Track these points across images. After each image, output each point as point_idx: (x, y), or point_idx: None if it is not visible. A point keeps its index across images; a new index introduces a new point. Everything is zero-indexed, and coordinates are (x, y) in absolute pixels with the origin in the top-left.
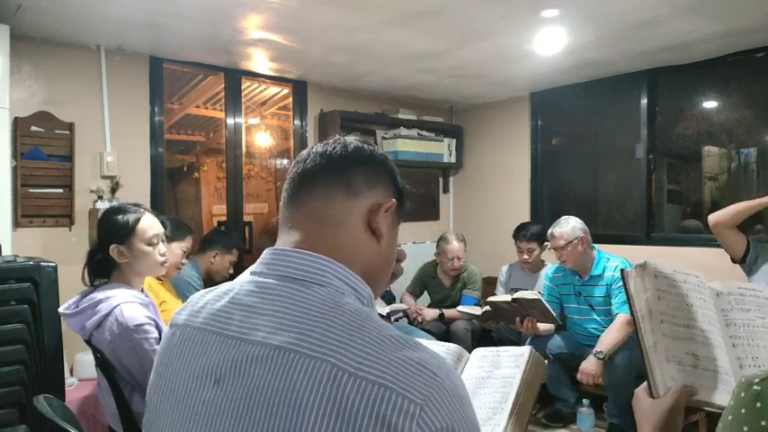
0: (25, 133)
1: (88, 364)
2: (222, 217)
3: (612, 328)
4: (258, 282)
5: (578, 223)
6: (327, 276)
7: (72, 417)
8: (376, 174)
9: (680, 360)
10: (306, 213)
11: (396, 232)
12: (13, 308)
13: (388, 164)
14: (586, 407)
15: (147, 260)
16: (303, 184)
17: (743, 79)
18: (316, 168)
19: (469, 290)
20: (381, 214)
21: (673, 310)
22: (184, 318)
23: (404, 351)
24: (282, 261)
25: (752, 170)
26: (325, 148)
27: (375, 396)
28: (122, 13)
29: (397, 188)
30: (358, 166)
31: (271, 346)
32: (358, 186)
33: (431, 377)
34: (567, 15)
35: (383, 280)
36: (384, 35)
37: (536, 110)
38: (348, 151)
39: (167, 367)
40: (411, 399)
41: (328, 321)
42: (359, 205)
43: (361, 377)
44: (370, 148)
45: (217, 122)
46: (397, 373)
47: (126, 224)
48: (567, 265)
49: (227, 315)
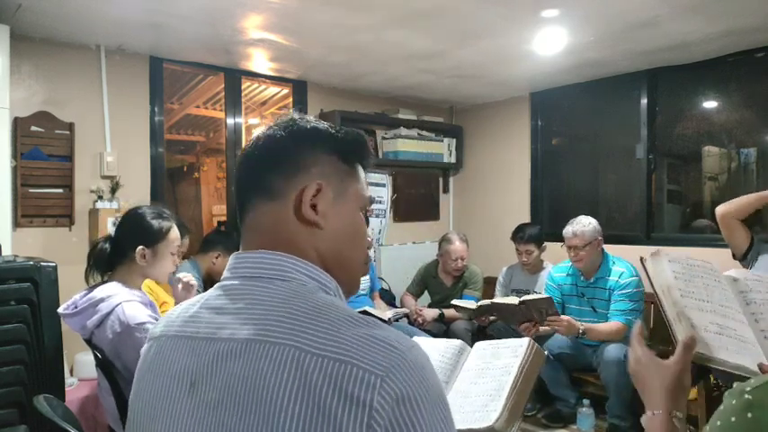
0: (25, 133)
1: (88, 364)
2: (222, 217)
3: (604, 326)
4: (224, 285)
5: (597, 225)
6: (289, 271)
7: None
8: (295, 163)
9: (705, 328)
10: (248, 221)
11: (347, 209)
12: (13, 308)
13: (312, 138)
14: (586, 407)
15: (164, 267)
16: (238, 194)
17: (743, 79)
18: (240, 176)
19: (470, 290)
20: (307, 204)
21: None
22: (160, 330)
23: (364, 329)
24: (244, 263)
25: (752, 170)
26: (248, 146)
27: (337, 372)
28: (122, 13)
29: (341, 155)
30: (271, 165)
31: (237, 340)
32: (278, 188)
33: (391, 350)
34: (567, 15)
35: (352, 273)
36: (384, 35)
37: (536, 110)
38: (264, 148)
39: (144, 380)
40: (372, 371)
41: (290, 310)
42: (284, 206)
43: (323, 356)
44: (289, 131)
45: (217, 122)
46: (357, 349)
47: (160, 230)
48: (580, 265)
49: (197, 320)
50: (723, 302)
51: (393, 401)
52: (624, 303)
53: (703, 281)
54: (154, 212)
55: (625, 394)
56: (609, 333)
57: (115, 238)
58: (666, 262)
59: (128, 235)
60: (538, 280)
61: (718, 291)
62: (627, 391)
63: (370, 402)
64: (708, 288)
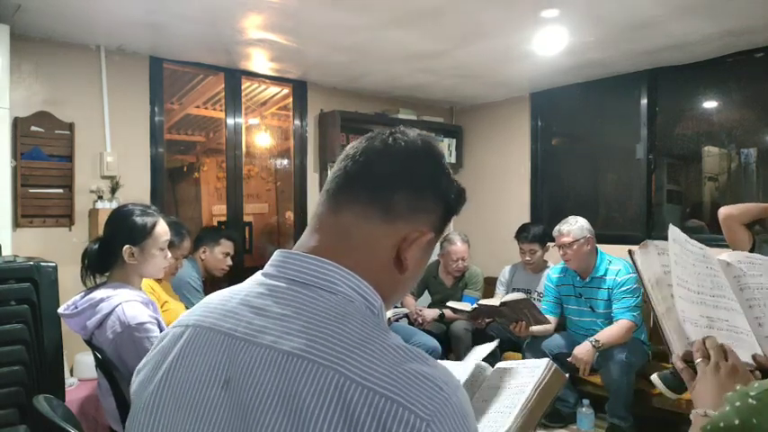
0: (25, 133)
1: (88, 365)
2: (222, 217)
3: (614, 328)
4: (268, 284)
5: (586, 223)
6: (337, 284)
7: (72, 417)
8: (423, 196)
9: (695, 321)
10: (336, 222)
11: (427, 258)
12: (12, 308)
13: (443, 179)
14: (586, 407)
15: (155, 264)
16: (344, 188)
17: (743, 79)
18: (361, 172)
19: (470, 290)
20: (415, 247)
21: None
22: (195, 318)
23: (412, 364)
24: (292, 264)
25: (752, 170)
26: (378, 146)
27: (382, 408)
28: (122, 13)
29: (447, 208)
30: (405, 184)
31: (279, 350)
32: (399, 211)
33: (437, 392)
34: (567, 15)
35: (396, 300)
36: (384, 35)
37: (536, 110)
38: (399, 158)
39: (174, 366)
40: (417, 414)
41: (336, 330)
42: (394, 232)
43: (368, 388)
44: (427, 157)
45: (217, 122)
46: (404, 386)
47: (144, 227)
48: (571, 264)
49: (237, 316)
50: (715, 291)
51: None
52: (627, 300)
53: (695, 269)
54: (138, 209)
55: (625, 394)
56: (621, 334)
57: (104, 238)
58: (656, 254)
59: (114, 235)
60: (540, 279)
61: (710, 279)
62: (627, 392)
63: None
64: (699, 277)
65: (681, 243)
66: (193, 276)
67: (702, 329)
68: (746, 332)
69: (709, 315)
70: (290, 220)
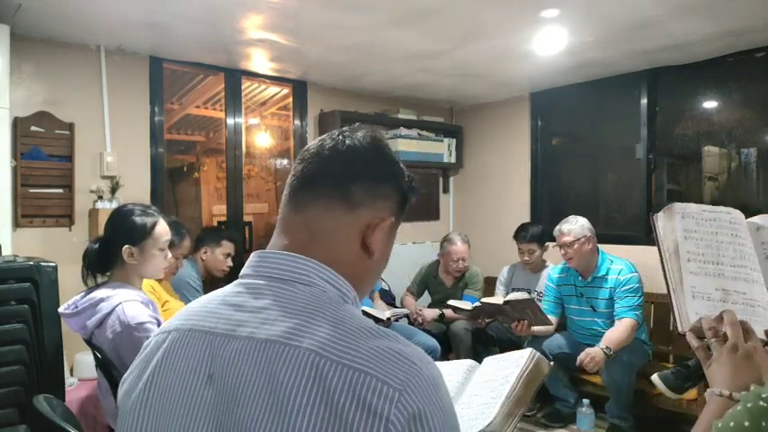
0: (25, 133)
1: (88, 364)
2: (222, 217)
3: (619, 329)
4: (246, 283)
5: (586, 223)
6: (311, 276)
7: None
8: (380, 184)
9: (708, 295)
10: (301, 220)
11: (392, 242)
12: (13, 308)
13: (395, 169)
14: (586, 407)
15: (155, 265)
16: (303, 187)
17: (743, 79)
18: (317, 172)
19: (471, 290)
20: (378, 232)
21: (702, 249)
22: (177, 323)
23: (383, 341)
24: (268, 263)
25: (752, 170)
26: (329, 146)
27: (356, 381)
28: (122, 13)
29: (402, 195)
30: (361, 175)
31: (257, 339)
32: (358, 199)
33: (409, 365)
34: (567, 15)
35: (368, 287)
36: (384, 35)
37: (536, 110)
38: (352, 155)
39: (158, 370)
40: (390, 384)
41: (311, 314)
42: (356, 220)
43: (342, 364)
44: (377, 151)
45: (217, 122)
46: (377, 361)
47: (144, 227)
48: (572, 263)
49: (217, 314)
50: (737, 261)
51: (409, 417)
52: (630, 299)
53: (717, 237)
54: (138, 210)
55: (626, 394)
56: (627, 335)
57: (104, 238)
58: (679, 218)
59: (114, 235)
60: (539, 279)
61: (732, 248)
62: (627, 392)
63: (387, 415)
64: (721, 246)
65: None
66: (193, 276)
67: (716, 303)
68: (764, 305)
69: (725, 287)
70: None
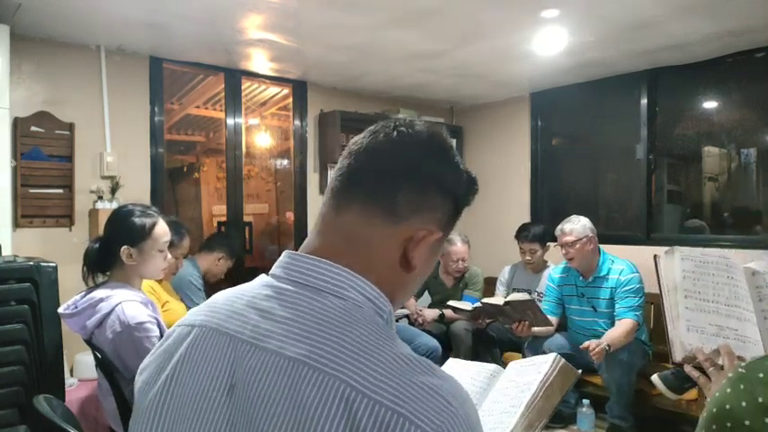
0: (25, 133)
1: (88, 365)
2: (222, 217)
3: (619, 330)
4: (275, 286)
5: (588, 222)
6: (346, 288)
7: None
8: (428, 194)
9: (702, 329)
10: (340, 222)
11: (435, 257)
12: (13, 308)
13: (451, 174)
14: (586, 407)
15: (154, 265)
16: (347, 187)
17: (743, 79)
18: (362, 173)
19: (471, 290)
20: (422, 246)
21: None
22: (202, 318)
23: (420, 376)
24: (300, 267)
25: (752, 170)
26: (381, 142)
27: (388, 422)
28: (122, 13)
29: (455, 205)
30: (409, 182)
31: (284, 356)
32: (402, 212)
33: (446, 406)
34: (567, 15)
35: (405, 299)
36: (384, 35)
37: (536, 110)
38: (402, 156)
39: (179, 369)
40: (424, 429)
41: (343, 336)
42: (399, 233)
43: (374, 400)
44: (434, 153)
45: (217, 122)
46: (411, 399)
47: (143, 228)
48: (574, 263)
49: (243, 318)
50: (731, 301)
51: None
52: (631, 300)
53: (714, 279)
54: (138, 210)
55: (626, 394)
56: (627, 335)
57: (104, 238)
58: (679, 259)
59: (114, 235)
60: (540, 279)
61: (728, 288)
62: (628, 392)
63: None
64: (717, 287)
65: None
66: (195, 275)
67: (709, 337)
68: (755, 341)
69: (719, 324)
70: (290, 220)
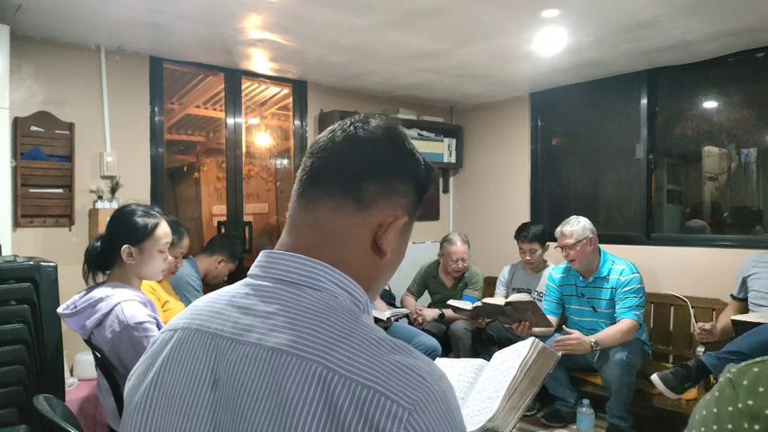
0: (25, 133)
1: (88, 364)
2: (222, 217)
3: (614, 329)
4: (253, 284)
5: (588, 223)
6: (321, 280)
7: (72, 417)
8: (394, 180)
9: None
10: (311, 219)
11: (406, 240)
12: (13, 308)
13: (410, 162)
14: (586, 407)
15: (154, 266)
16: (313, 184)
17: (743, 79)
18: (326, 168)
19: (470, 290)
20: (391, 232)
21: None
22: (184, 321)
23: (394, 355)
24: (276, 264)
25: (752, 170)
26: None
27: (365, 398)
28: (122, 13)
29: (418, 190)
30: (373, 171)
31: (264, 347)
32: (370, 198)
33: (420, 382)
34: (567, 15)
35: (381, 287)
36: (384, 35)
37: (536, 110)
38: (363, 149)
39: (163, 369)
40: (400, 403)
41: (320, 324)
42: (368, 220)
43: (351, 379)
44: (391, 143)
45: (217, 122)
46: (387, 376)
47: (145, 227)
48: (575, 265)
49: (224, 316)
50: None
51: None
52: (631, 300)
53: None
54: (141, 210)
55: (626, 394)
56: (623, 334)
57: (106, 237)
58: None
59: (115, 234)
60: (540, 279)
61: None
62: (628, 391)
63: None
64: None
65: None
66: (193, 276)
67: None
68: None
69: None
70: None
